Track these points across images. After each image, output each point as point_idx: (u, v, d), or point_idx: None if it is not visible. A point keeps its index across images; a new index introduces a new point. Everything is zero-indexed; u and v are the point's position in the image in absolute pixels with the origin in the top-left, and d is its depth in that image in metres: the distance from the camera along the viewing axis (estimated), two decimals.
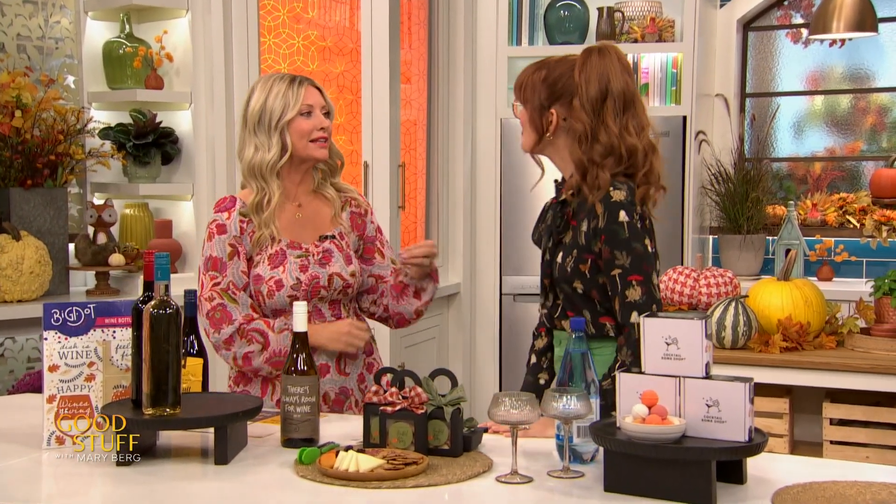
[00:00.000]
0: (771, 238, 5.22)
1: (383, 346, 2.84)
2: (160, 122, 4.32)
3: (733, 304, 3.60)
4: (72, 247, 4.15)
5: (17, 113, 3.84)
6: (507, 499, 1.87)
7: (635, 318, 2.23)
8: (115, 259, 4.09)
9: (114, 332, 2.22)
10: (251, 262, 2.61)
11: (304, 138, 2.61)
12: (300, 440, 2.14)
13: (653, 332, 1.92)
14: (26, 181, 3.91)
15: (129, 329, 2.18)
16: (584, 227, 2.31)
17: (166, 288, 2.07)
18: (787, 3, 5.42)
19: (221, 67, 4.22)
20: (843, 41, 5.25)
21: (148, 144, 4.27)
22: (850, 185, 5.42)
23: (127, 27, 4.33)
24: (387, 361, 2.83)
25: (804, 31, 5.36)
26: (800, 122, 5.52)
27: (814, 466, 2.10)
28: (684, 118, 4.96)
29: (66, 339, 2.19)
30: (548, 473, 1.95)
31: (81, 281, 4.33)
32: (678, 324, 1.90)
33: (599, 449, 1.95)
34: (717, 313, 3.60)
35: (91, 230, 4.24)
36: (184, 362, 2.22)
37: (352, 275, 2.65)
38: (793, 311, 3.59)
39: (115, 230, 4.38)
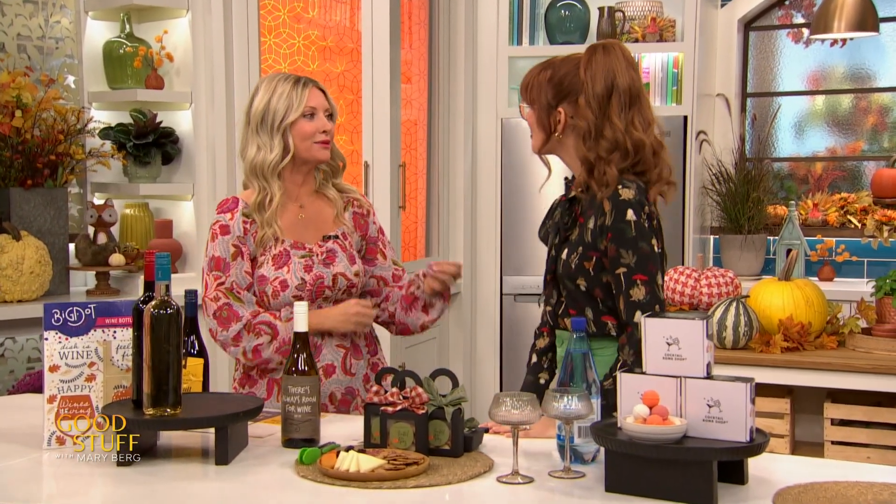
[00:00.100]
0: (772, 238, 5.21)
1: (384, 347, 2.84)
2: (160, 122, 4.32)
3: (734, 305, 3.59)
4: (72, 247, 4.15)
5: (18, 113, 3.84)
6: (508, 499, 1.87)
7: (638, 318, 2.22)
8: (115, 259, 4.09)
9: (114, 332, 2.22)
10: (255, 262, 2.61)
11: (307, 140, 2.61)
12: (301, 440, 2.14)
13: (654, 332, 1.92)
14: (26, 181, 3.91)
15: (130, 329, 2.18)
16: (591, 224, 2.31)
17: (167, 288, 2.07)
18: (788, 2, 5.41)
19: (222, 67, 4.22)
20: (845, 41, 5.24)
21: (148, 144, 4.27)
22: (851, 185, 5.41)
23: (127, 27, 4.33)
24: (388, 362, 2.83)
25: (805, 31, 5.36)
26: (801, 121, 5.51)
27: (815, 467, 2.10)
28: (685, 118, 4.96)
29: (66, 339, 2.19)
30: (549, 474, 1.95)
31: (82, 281, 4.33)
32: (679, 324, 1.90)
33: (600, 449, 1.95)
34: (718, 313, 3.60)
35: (91, 230, 4.23)
36: (184, 362, 2.22)
37: (356, 274, 2.66)
38: (794, 311, 3.59)
39: (116, 230, 4.38)
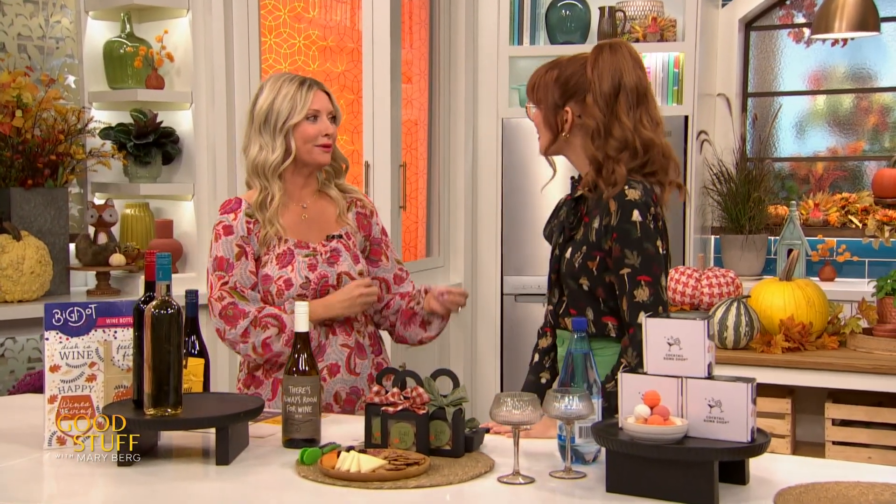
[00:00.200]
0: (773, 238, 5.21)
1: (386, 346, 2.85)
2: (161, 122, 4.32)
3: (735, 305, 3.59)
4: (72, 247, 4.14)
5: (18, 113, 3.84)
6: (508, 499, 1.86)
7: (642, 319, 2.22)
8: (115, 259, 4.09)
9: (115, 332, 2.22)
10: (259, 262, 2.61)
11: (309, 143, 2.62)
12: (302, 441, 2.13)
13: (655, 332, 1.91)
14: (27, 181, 3.91)
15: (131, 329, 2.18)
16: (596, 223, 2.30)
17: (168, 288, 2.07)
18: (789, 2, 5.41)
19: (222, 67, 4.22)
20: (846, 41, 5.24)
21: (149, 144, 4.27)
22: (852, 184, 5.41)
23: (127, 27, 4.33)
24: (391, 362, 2.83)
25: (806, 31, 5.36)
26: (802, 121, 5.51)
27: (816, 467, 2.09)
28: (686, 118, 4.96)
29: (67, 339, 2.19)
30: (550, 474, 1.94)
31: (82, 281, 4.33)
32: (680, 324, 1.89)
33: (601, 449, 1.95)
34: (719, 313, 3.59)
35: (92, 230, 4.23)
36: (185, 362, 2.22)
37: (360, 273, 2.66)
38: (795, 311, 3.59)
39: (116, 230, 4.38)
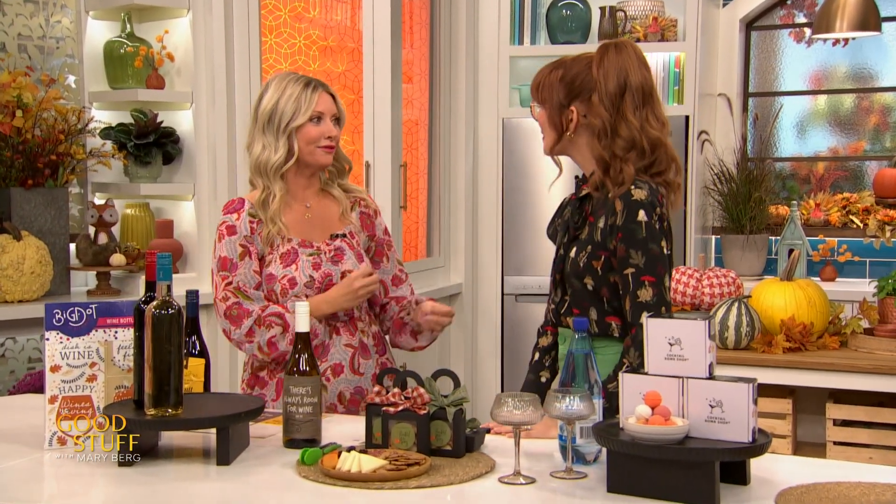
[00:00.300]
0: (774, 238, 5.21)
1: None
2: (161, 122, 4.31)
3: (736, 305, 3.59)
4: (73, 247, 4.14)
5: (18, 113, 3.83)
6: (509, 500, 1.86)
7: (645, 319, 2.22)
8: (116, 259, 4.08)
9: (116, 332, 2.22)
10: (263, 261, 2.61)
11: (311, 144, 2.62)
12: (302, 441, 2.13)
13: (656, 332, 1.91)
14: (27, 181, 3.90)
15: (131, 329, 2.18)
16: (602, 223, 2.30)
17: (168, 288, 2.07)
18: (790, 2, 5.41)
19: (223, 67, 4.22)
20: (847, 40, 5.24)
21: (149, 144, 4.27)
22: (853, 184, 5.41)
23: (128, 27, 4.33)
24: (395, 361, 2.83)
25: (807, 31, 5.35)
26: (803, 121, 5.51)
27: (817, 467, 2.09)
28: (687, 118, 4.95)
29: (67, 339, 2.19)
30: (551, 474, 1.94)
31: (82, 281, 4.33)
32: (681, 324, 1.89)
33: (602, 450, 1.94)
34: (720, 314, 3.59)
35: (92, 230, 4.23)
36: (186, 363, 2.21)
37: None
38: (796, 311, 3.58)
39: (116, 230, 4.37)
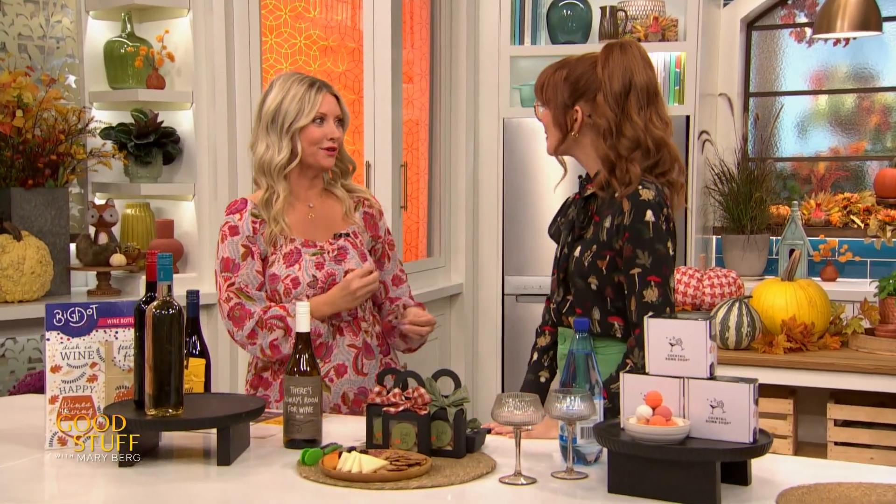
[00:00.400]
0: (775, 238, 5.21)
1: None
2: (161, 122, 4.31)
3: (737, 305, 3.59)
4: (73, 247, 4.14)
5: (19, 113, 3.83)
6: (510, 500, 1.86)
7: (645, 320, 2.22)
8: (116, 259, 4.08)
9: (116, 332, 2.22)
10: (266, 261, 2.61)
11: (314, 145, 2.63)
12: (303, 441, 2.13)
13: (657, 332, 1.91)
14: (27, 181, 3.90)
15: (132, 330, 2.18)
16: (608, 223, 2.30)
17: (169, 288, 2.07)
18: (790, 2, 5.40)
19: (223, 67, 4.22)
20: (848, 40, 5.23)
21: (149, 144, 4.27)
22: (854, 184, 5.40)
23: (128, 26, 4.33)
24: (399, 361, 2.83)
25: (808, 31, 5.35)
26: (803, 121, 5.51)
27: (818, 468, 2.09)
28: (687, 118, 4.95)
29: (68, 339, 2.19)
30: (551, 475, 1.94)
31: (82, 281, 4.33)
32: (682, 325, 1.89)
33: (603, 450, 1.94)
34: (721, 314, 3.59)
35: (92, 230, 4.23)
36: (186, 363, 2.21)
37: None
38: (797, 311, 3.58)
39: (117, 230, 4.38)
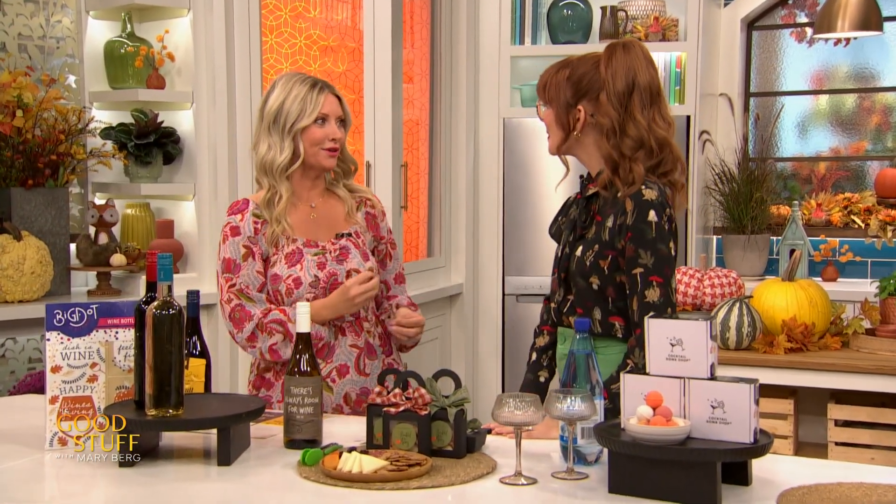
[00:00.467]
0: (775, 238, 5.20)
1: None
2: (162, 122, 4.31)
3: (737, 305, 3.58)
4: (73, 247, 4.14)
5: (19, 113, 3.83)
6: (510, 500, 1.86)
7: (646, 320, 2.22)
8: (116, 259, 4.08)
9: (116, 332, 2.22)
10: (268, 262, 2.61)
11: (315, 146, 2.62)
12: (303, 441, 2.13)
13: (657, 333, 1.91)
14: (27, 181, 3.90)
15: (132, 330, 2.18)
16: (610, 223, 2.30)
17: (169, 289, 2.07)
18: (791, 1, 5.40)
19: (223, 67, 4.21)
20: (848, 40, 5.23)
21: (149, 144, 4.27)
22: (854, 184, 5.40)
23: (128, 26, 4.32)
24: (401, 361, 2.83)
25: (808, 31, 5.35)
26: (804, 121, 5.50)
27: (819, 468, 2.09)
28: (688, 118, 4.94)
29: (68, 339, 2.19)
30: (552, 475, 1.94)
31: (83, 281, 4.33)
32: (683, 325, 1.89)
33: (604, 450, 1.94)
34: (722, 314, 3.59)
35: (92, 230, 4.23)
36: (187, 363, 2.21)
37: (369, 271, 2.66)
38: (797, 311, 3.58)
39: (117, 230, 4.37)
